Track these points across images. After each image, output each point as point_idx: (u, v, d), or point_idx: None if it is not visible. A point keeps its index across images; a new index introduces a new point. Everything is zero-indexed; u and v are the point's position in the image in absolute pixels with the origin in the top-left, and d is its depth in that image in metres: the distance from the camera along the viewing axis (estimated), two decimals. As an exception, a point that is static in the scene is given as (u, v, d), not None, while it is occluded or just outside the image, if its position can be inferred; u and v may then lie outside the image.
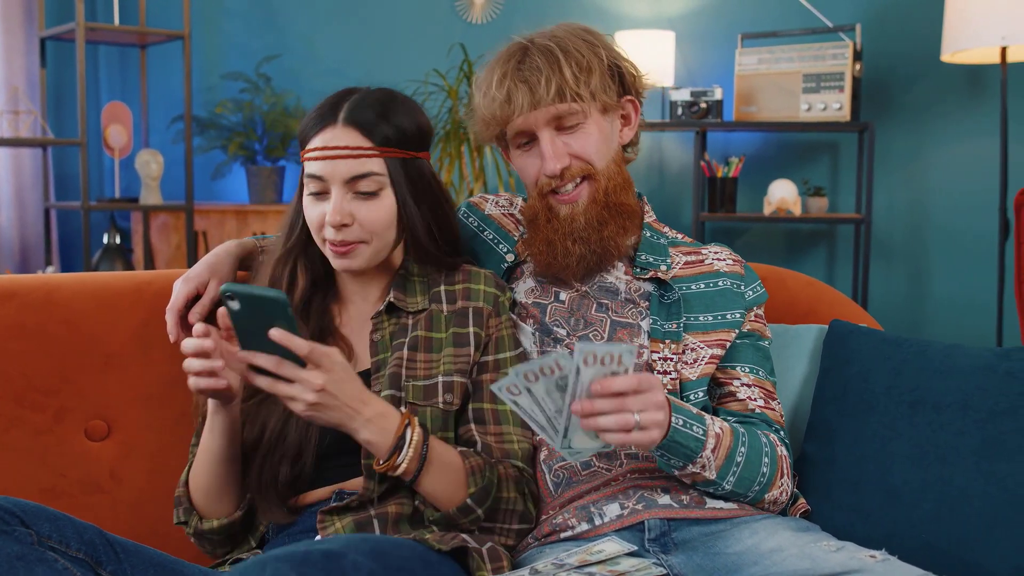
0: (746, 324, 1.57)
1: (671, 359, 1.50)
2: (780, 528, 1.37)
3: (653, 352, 1.50)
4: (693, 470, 1.37)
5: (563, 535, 1.41)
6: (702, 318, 1.55)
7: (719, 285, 1.58)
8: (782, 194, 3.73)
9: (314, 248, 1.47)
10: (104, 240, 4.21)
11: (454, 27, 4.35)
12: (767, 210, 3.76)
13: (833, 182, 4.04)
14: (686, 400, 1.48)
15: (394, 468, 1.31)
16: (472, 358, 1.45)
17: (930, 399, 1.51)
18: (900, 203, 3.96)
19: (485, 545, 1.34)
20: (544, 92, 1.47)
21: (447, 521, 1.36)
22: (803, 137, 4.03)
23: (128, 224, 4.51)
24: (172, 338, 1.54)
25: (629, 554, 1.30)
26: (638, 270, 1.58)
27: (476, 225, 1.68)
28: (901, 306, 3.98)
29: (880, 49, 3.88)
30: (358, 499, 1.34)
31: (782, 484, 1.46)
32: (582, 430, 1.20)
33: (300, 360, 1.23)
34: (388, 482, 1.36)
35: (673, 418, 1.32)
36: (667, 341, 1.51)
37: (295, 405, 1.25)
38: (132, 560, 1.18)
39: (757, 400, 1.53)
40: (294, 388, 1.24)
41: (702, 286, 1.58)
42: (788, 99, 3.72)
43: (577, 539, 1.40)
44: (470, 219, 1.69)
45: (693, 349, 1.52)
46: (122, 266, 4.16)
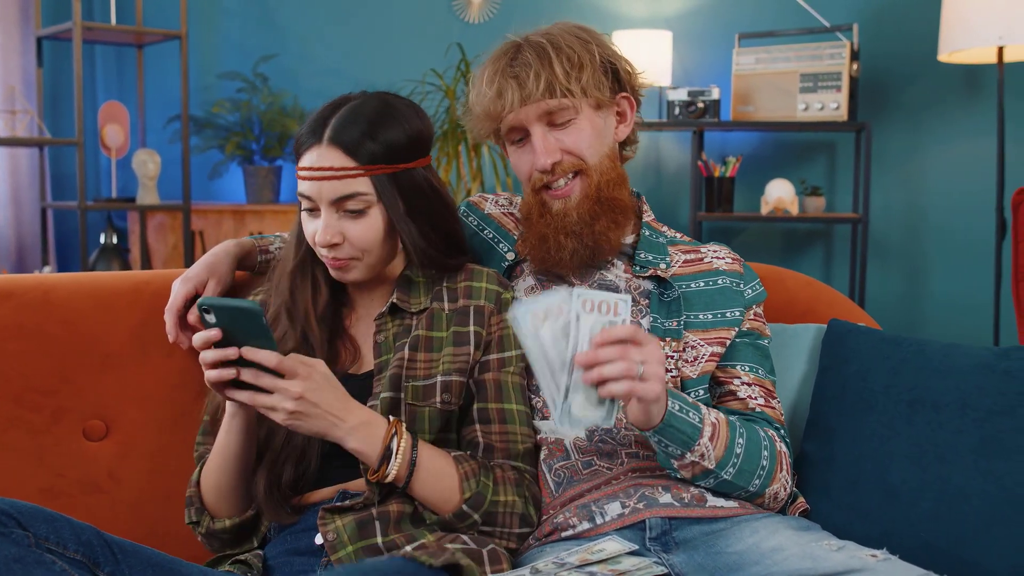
0: (745, 323, 1.57)
1: (671, 357, 1.50)
2: (781, 527, 1.37)
3: None
4: (692, 459, 1.37)
5: (564, 534, 1.41)
6: (702, 316, 1.55)
7: (718, 283, 1.58)
8: (779, 194, 3.74)
9: None
10: (101, 240, 4.21)
11: (451, 27, 4.35)
12: (764, 210, 3.77)
13: (830, 182, 4.04)
14: None
15: (384, 477, 1.32)
16: (472, 357, 1.45)
17: (929, 398, 1.51)
18: (897, 203, 3.96)
19: (486, 547, 1.34)
20: (534, 87, 1.48)
21: (445, 525, 1.37)
22: (800, 137, 4.03)
23: (125, 224, 4.50)
24: (171, 338, 1.54)
25: (630, 553, 1.29)
26: (638, 268, 1.58)
27: (476, 224, 1.68)
28: (898, 306, 3.98)
29: (877, 49, 3.89)
30: (362, 502, 1.35)
31: (782, 479, 1.46)
32: (583, 391, 1.19)
33: (278, 373, 1.24)
34: (388, 488, 1.36)
35: (670, 403, 1.33)
36: (667, 339, 1.51)
37: (276, 415, 1.25)
38: (130, 560, 1.18)
39: (757, 399, 1.53)
40: (273, 398, 1.24)
41: (701, 284, 1.58)
42: (785, 99, 3.72)
43: (578, 538, 1.40)
44: (470, 218, 1.69)
45: (693, 347, 1.52)
46: (119, 266, 4.15)
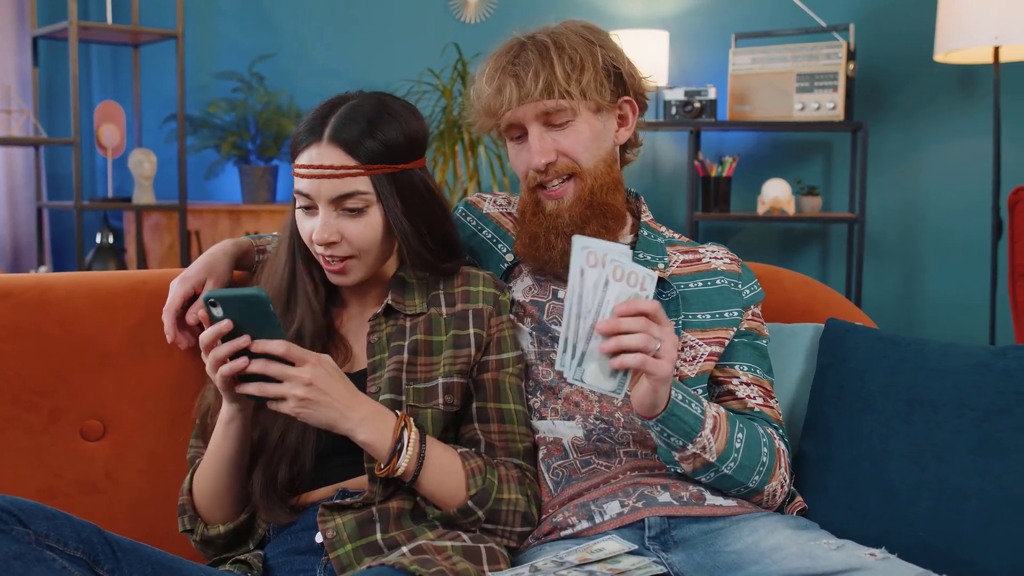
0: (743, 323, 1.57)
1: None
2: (780, 526, 1.38)
3: None
4: (694, 450, 1.38)
5: (563, 533, 1.41)
6: (700, 316, 1.55)
7: (716, 284, 1.58)
8: (776, 193, 3.74)
9: None
10: (97, 240, 4.20)
11: (448, 26, 4.35)
12: (761, 209, 3.77)
13: (826, 181, 4.05)
14: None
15: (394, 471, 1.32)
16: (473, 358, 1.45)
17: (926, 397, 1.52)
18: (893, 202, 3.97)
19: (485, 545, 1.34)
20: (532, 86, 1.48)
21: (448, 520, 1.37)
22: (797, 136, 4.04)
23: (120, 224, 4.49)
24: (169, 339, 1.54)
25: (630, 552, 1.29)
26: (636, 268, 1.57)
27: (475, 224, 1.68)
28: (894, 305, 3.99)
29: (873, 49, 3.89)
30: (362, 501, 1.35)
31: (780, 476, 1.46)
32: (597, 361, 1.22)
33: (286, 362, 1.25)
34: (392, 486, 1.36)
35: (673, 392, 1.33)
36: None
37: (285, 405, 1.25)
38: (130, 559, 1.18)
39: (756, 398, 1.53)
40: (283, 386, 1.24)
41: (700, 284, 1.58)
42: (782, 99, 3.73)
43: (577, 537, 1.40)
44: (468, 218, 1.69)
45: (692, 347, 1.52)
46: (115, 266, 4.15)
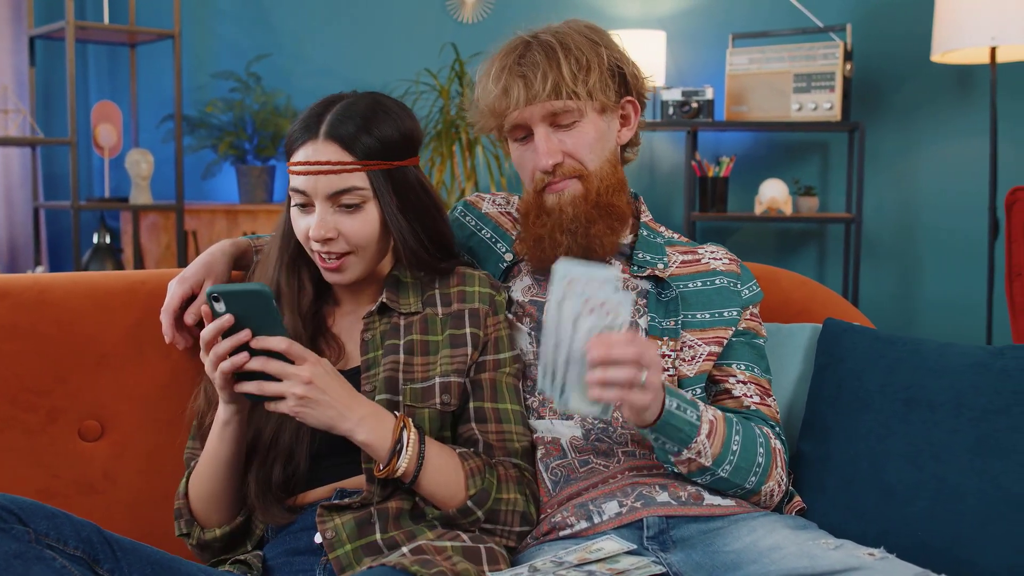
0: (742, 322, 1.58)
1: (669, 356, 1.50)
2: (778, 526, 1.38)
3: None
4: (689, 455, 1.38)
5: (562, 533, 1.41)
6: (699, 316, 1.55)
7: (715, 284, 1.59)
8: (773, 194, 3.74)
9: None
10: (94, 240, 4.19)
11: (445, 26, 4.35)
12: (758, 210, 3.77)
13: (823, 182, 4.05)
14: None
15: (394, 472, 1.32)
16: (470, 358, 1.45)
17: (924, 397, 1.52)
18: (890, 202, 3.97)
19: (484, 546, 1.34)
20: (540, 87, 1.47)
21: (448, 520, 1.37)
22: (794, 137, 4.04)
23: (117, 224, 4.49)
24: (168, 339, 1.54)
25: (628, 552, 1.30)
26: (635, 268, 1.58)
27: (474, 224, 1.68)
28: (891, 305, 3.99)
29: (870, 49, 3.90)
30: (360, 501, 1.34)
31: (777, 476, 1.47)
32: (579, 389, 1.22)
33: (286, 360, 1.25)
34: (390, 486, 1.36)
35: (668, 400, 1.33)
36: (665, 338, 1.51)
37: (284, 404, 1.26)
38: (129, 558, 1.18)
39: (752, 397, 1.53)
40: (282, 385, 1.25)
41: (699, 284, 1.58)
42: (779, 99, 3.73)
43: (576, 537, 1.40)
44: (467, 218, 1.69)
45: (691, 347, 1.52)
46: (112, 266, 4.14)
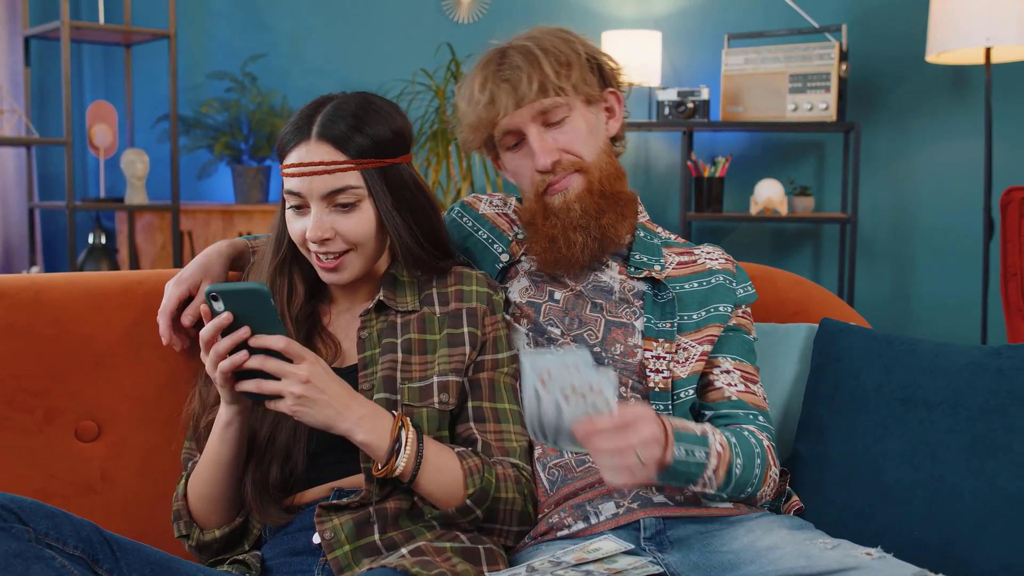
0: (732, 319, 1.58)
1: (664, 358, 1.50)
2: (776, 526, 1.38)
3: (647, 351, 1.51)
4: (695, 489, 1.38)
5: (559, 534, 1.41)
6: (695, 316, 1.55)
7: (711, 283, 1.59)
8: (768, 194, 3.75)
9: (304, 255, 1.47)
10: (89, 240, 4.19)
11: (441, 27, 4.35)
12: (753, 210, 3.78)
13: (819, 182, 4.06)
14: (676, 398, 1.48)
15: (392, 471, 1.31)
16: (468, 357, 1.45)
17: (921, 397, 1.52)
18: (885, 203, 3.98)
19: (483, 546, 1.34)
20: (527, 89, 1.49)
21: (446, 520, 1.37)
22: (789, 137, 4.05)
23: (113, 224, 4.48)
24: (165, 341, 1.54)
25: (626, 552, 1.30)
26: (632, 269, 1.58)
27: (471, 225, 1.68)
28: (886, 305, 4.00)
29: (866, 50, 3.91)
30: (359, 501, 1.34)
31: (772, 476, 1.46)
32: (569, 438, 1.22)
33: (285, 359, 1.25)
34: (389, 486, 1.36)
35: (676, 450, 1.30)
36: (660, 340, 1.51)
37: (283, 403, 1.26)
38: (129, 558, 1.18)
39: (737, 385, 1.52)
40: (280, 383, 1.25)
41: (695, 285, 1.58)
42: (774, 99, 3.73)
43: (573, 538, 1.40)
44: (464, 219, 1.69)
45: (685, 349, 1.52)
46: (107, 266, 4.14)
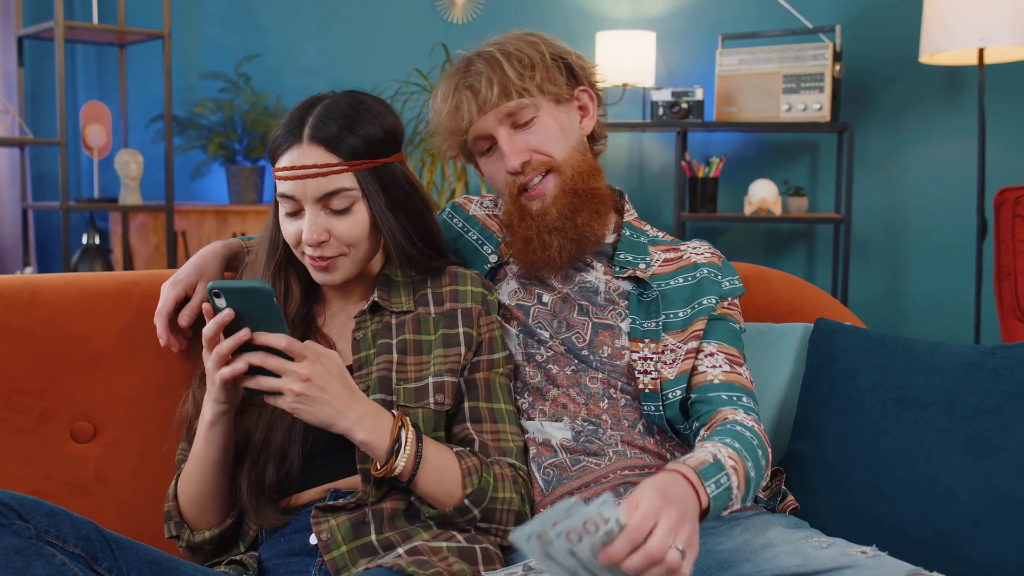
0: (718, 309, 1.55)
1: (651, 358, 1.50)
2: (771, 525, 1.38)
3: (633, 352, 1.51)
4: (725, 514, 1.38)
5: (556, 533, 1.41)
6: (681, 314, 1.53)
7: (696, 277, 1.57)
8: (762, 194, 3.75)
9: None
10: (83, 240, 4.18)
11: (435, 27, 4.35)
12: (747, 210, 3.78)
13: (813, 182, 4.07)
14: (665, 399, 1.47)
15: (392, 471, 1.31)
16: (464, 357, 1.45)
17: (916, 397, 1.53)
18: (879, 203, 3.99)
19: (480, 546, 1.34)
20: (488, 93, 1.50)
21: (443, 519, 1.37)
22: (783, 137, 4.06)
23: (107, 224, 4.47)
24: (162, 342, 1.53)
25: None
26: (617, 269, 1.58)
27: (461, 226, 1.68)
28: (880, 305, 4.01)
29: (859, 50, 3.92)
30: (355, 501, 1.34)
31: (770, 458, 1.43)
32: (608, 571, 1.07)
33: (288, 356, 1.25)
34: (386, 486, 1.36)
35: (708, 488, 1.23)
36: (646, 340, 1.51)
37: (283, 400, 1.25)
38: (128, 557, 1.18)
39: (722, 366, 1.49)
40: (280, 381, 1.25)
41: (680, 281, 1.57)
42: (768, 99, 3.74)
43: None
44: (455, 220, 1.69)
45: (672, 349, 1.51)
46: (101, 267, 4.13)
